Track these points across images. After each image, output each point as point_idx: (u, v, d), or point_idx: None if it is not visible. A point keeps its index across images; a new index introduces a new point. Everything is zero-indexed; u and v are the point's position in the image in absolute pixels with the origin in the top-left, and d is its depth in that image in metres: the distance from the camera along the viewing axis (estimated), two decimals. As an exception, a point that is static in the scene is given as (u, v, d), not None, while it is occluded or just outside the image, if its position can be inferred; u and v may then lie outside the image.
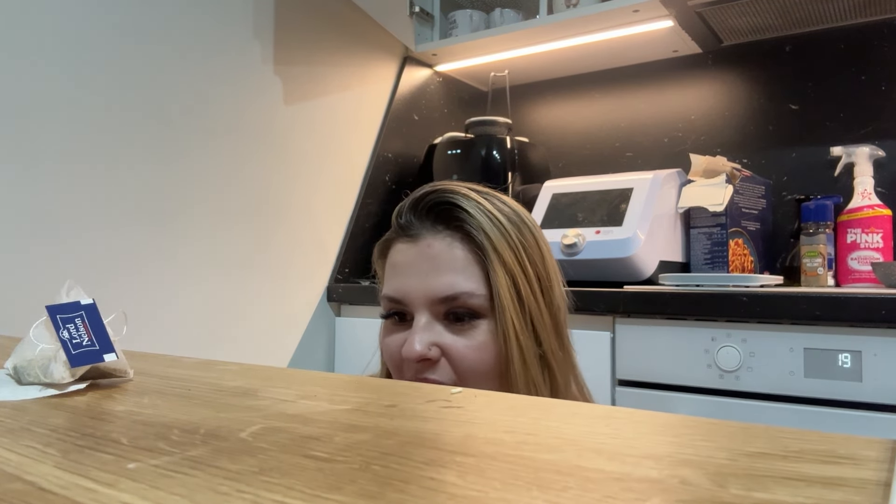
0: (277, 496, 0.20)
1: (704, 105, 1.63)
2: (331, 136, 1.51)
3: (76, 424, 0.30)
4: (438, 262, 0.62)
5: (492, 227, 0.63)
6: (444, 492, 0.20)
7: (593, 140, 1.78)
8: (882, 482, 0.20)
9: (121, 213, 1.10)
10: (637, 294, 1.06)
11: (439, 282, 0.62)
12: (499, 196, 0.68)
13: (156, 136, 1.16)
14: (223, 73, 1.27)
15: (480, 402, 0.34)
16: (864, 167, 1.34)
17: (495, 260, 0.62)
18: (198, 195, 1.23)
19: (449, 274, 0.62)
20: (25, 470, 0.23)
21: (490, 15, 1.67)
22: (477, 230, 0.63)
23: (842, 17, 1.43)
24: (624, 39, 1.55)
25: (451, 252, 0.63)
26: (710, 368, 1.01)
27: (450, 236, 0.63)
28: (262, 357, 1.33)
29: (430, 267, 0.62)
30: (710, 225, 1.29)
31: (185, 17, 1.21)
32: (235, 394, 0.36)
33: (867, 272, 1.28)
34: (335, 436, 0.27)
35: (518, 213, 0.66)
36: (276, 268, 1.37)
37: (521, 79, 1.86)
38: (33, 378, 0.39)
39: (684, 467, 0.22)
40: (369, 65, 1.62)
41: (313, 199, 1.46)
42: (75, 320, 0.40)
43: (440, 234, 0.64)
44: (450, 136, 1.65)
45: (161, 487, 0.21)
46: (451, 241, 0.63)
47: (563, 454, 0.24)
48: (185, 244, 1.20)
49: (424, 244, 0.63)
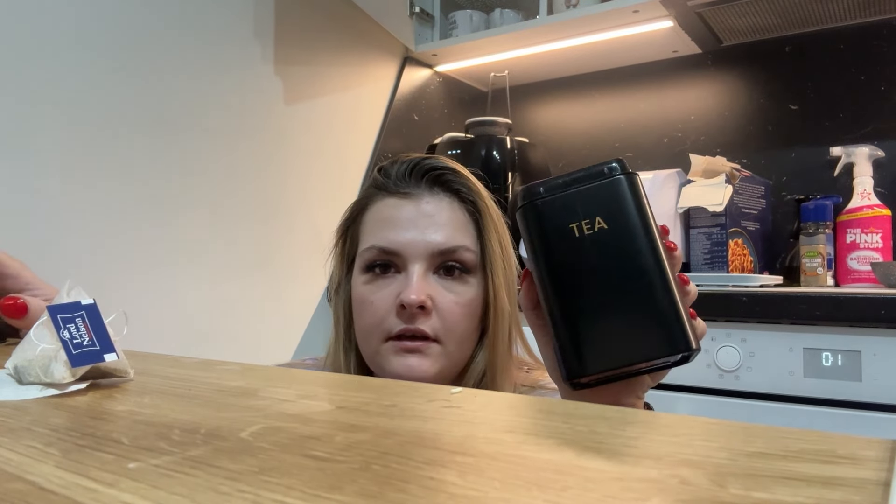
0: (278, 496, 0.20)
1: (704, 105, 1.63)
2: (331, 135, 1.51)
3: (77, 424, 0.30)
4: (437, 218, 0.67)
5: (483, 192, 0.70)
6: (444, 491, 0.20)
7: (593, 140, 1.78)
8: (881, 482, 0.20)
9: (121, 213, 1.10)
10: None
11: (439, 235, 0.66)
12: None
13: (156, 136, 1.16)
14: (223, 73, 1.27)
15: (480, 401, 0.34)
16: (863, 167, 1.34)
17: (489, 222, 0.68)
18: (198, 195, 1.23)
19: (447, 229, 0.66)
20: (26, 470, 0.23)
21: (490, 15, 1.67)
22: (473, 195, 0.69)
23: (842, 17, 1.43)
24: (624, 40, 1.55)
25: (450, 210, 0.68)
26: (709, 368, 1.01)
27: (448, 198, 0.68)
28: (262, 357, 1.33)
29: (429, 222, 0.66)
30: (709, 225, 1.29)
31: (186, 17, 1.21)
32: (236, 394, 0.36)
33: (867, 272, 1.28)
34: (335, 435, 0.27)
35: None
36: (276, 268, 1.37)
37: (521, 79, 1.86)
38: (34, 378, 0.39)
39: (684, 467, 0.22)
40: (369, 65, 1.62)
41: (313, 198, 1.46)
42: (76, 320, 0.40)
43: (437, 196, 0.68)
44: (450, 137, 1.65)
45: (162, 487, 0.21)
46: (449, 202, 0.68)
47: (563, 454, 0.24)
48: (184, 244, 1.20)
49: (422, 201, 0.67)
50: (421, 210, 0.67)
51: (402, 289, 0.64)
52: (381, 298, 0.65)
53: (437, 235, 0.66)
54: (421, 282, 0.64)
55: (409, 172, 0.68)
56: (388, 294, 0.65)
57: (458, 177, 0.69)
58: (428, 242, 0.65)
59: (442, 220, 0.67)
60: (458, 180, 0.69)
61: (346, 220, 0.73)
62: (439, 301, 0.65)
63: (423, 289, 0.64)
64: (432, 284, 0.65)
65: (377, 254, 0.66)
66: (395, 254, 0.66)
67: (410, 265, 0.65)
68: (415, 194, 0.68)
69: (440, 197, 0.68)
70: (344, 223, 0.73)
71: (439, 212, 0.67)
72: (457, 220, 0.67)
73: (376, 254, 0.66)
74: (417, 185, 0.68)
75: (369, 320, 0.66)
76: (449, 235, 0.66)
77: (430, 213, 0.66)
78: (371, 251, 0.67)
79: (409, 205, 0.67)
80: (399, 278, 0.66)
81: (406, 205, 0.67)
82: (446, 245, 0.65)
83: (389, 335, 0.64)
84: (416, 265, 0.65)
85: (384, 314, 0.65)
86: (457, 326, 0.65)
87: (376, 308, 0.65)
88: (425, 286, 0.64)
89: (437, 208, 0.67)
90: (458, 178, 0.69)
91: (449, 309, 0.65)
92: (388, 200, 0.68)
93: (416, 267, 0.65)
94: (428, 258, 0.65)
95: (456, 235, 0.66)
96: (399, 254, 0.65)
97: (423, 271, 0.65)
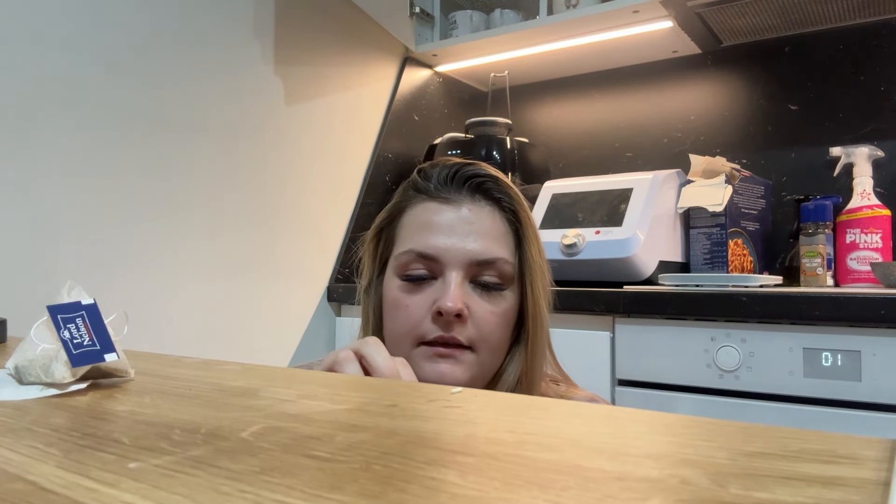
0: (278, 496, 0.20)
1: (704, 105, 1.63)
2: (331, 136, 1.51)
3: (77, 424, 0.30)
4: (479, 226, 0.66)
5: (524, 205, 0.69)
6: (444, 491, 0.20)
7: (593, 140, 1.79)
8: (881, 482, 0.20)
9: (121, 213, 1.10)
10: (637, 294, 1.06)
11: (478, 244, 0.65)
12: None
13: (156, 136, 1.16)
14: (223, 74, 1.27)
15: (481, 401, 0.34)
16: (863, 167, 1.34)
17: (529, 233, 0.68)
18: (198, 195, 1.23)
19: (487, 239, 0.65)
20: (27, 470, 0.23)
21: (490, 15, 1.67)
22: (515, 205, 0.68)
23: (841, 17, 1.43)
24: (624, 40, 1.55)
25: (491, 220, 0.67)
26: (709, 368, 1.01)
27: (489, 206, 0.67)
28: (262, 357, 1.33)
29: (470, 230, 0.65)
30: (709, 225, 1.29)
31: (186, 17, 1.21)
32: (236, 393, 0.36)
33: (866, 272, 1.28)
34: (336, 435, 0.27)
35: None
36: (276, 268, 1.37)
37: (521, 79, 1.86)
38: (34, 378, 0.39)
39: (684, 467, 0.22)
40: (369, 65, 1.62)
41: (313, 198, 1.46)
42: (76, 320, 0.40)
43: (478, 203, 0.67)
44: (450, 137, 1.65)
45: (162, 487, 0.21)
46: (490, 211, 0.67)
47: (563, 454, 0.24)
48: (185, 244, 1.20)
49: (464, 208, 0.66)
50: (461, 216, 0.66)
51: (439, 295, 0.63)
52: (417, 303, 0.64)
53: (476, 244, 0.65)
54: (458, 290, 0.63)
55: (450, 178, 0.67)
56: (423, 299, 0.64)
57: (500, 185, 0.68)
58: (467, 251, 0.64)
59: (482, 228, 0.66)
60: (499, 189, 0.68)
61: (382, 221, 0.71)
62: (475, 310, 0.64)
63: (460, 297, 0.63)
64: (469, 293, 0.65)
65: (415, 258, 0.65)
66: (434, 259, 0.65)
67: (448, 272, 0.64)
68: (456, 200, 0.67)
69: (481, 205, 0.67)
70: (379, 224, 0.72)
71: (480, 220, 0.66)
72: (496, 230, 0.67)
73: (414, 258, 0.65)
74: (459, 191, 0.67)
75: (403, 324, 0.65)
76: (488, 246, 0.65)
77: (470, 220, 0.66)
78: (408, 255, 0.66)
79: (449, 210, 0.66)
80: (436, 284, 0.65)
81: (446, 210, 0.66)
82: (485, 256, 0.65)
83: (423, 340, 0.64)
84: (454, 272, 0.64)
85: (419, 319, 0.64)
86: (491, 336, 0.65)
87: (411, 312, 0.64)
88: (462, 294, 0.64)
89: (478, 216, 0.66)
90: (499, 186, 0.68)
91: (484, 318, 0.64)
92: (428, 205, 0.67)
93: (453, 274, 0.64)
94: (466, 266, 0.64)
95: (494, 246, 0.66)
96: (437, 259, 0.65)
97: (461, 279, 0.64)
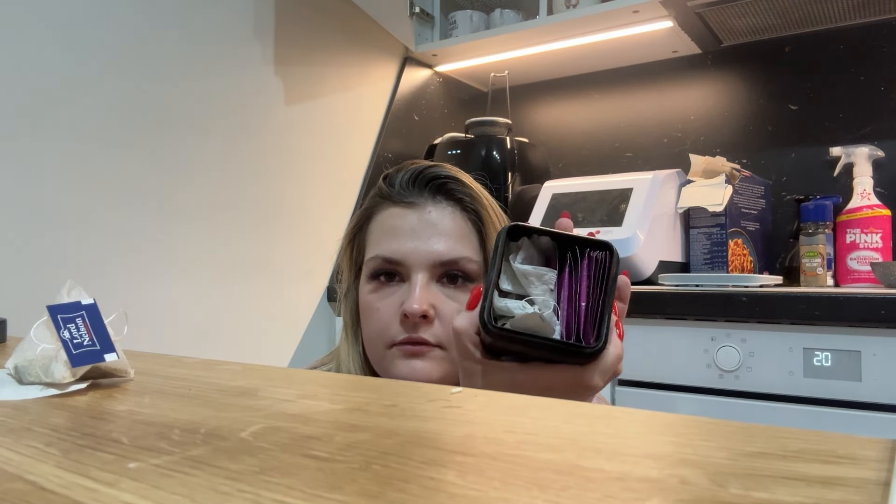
0: (278, 496, 0.20)
1: (704, 105, 1.63)
2: (331, 136, 1.51)
3: (77, 424, 0.30)
4: (440, 227, 0.67)
5: (485, 202, 0.70)
6: (444, 491, 0.20)
7: (593, 140, 1.78)
8: (881, 482, 0.20)
9: (121, 213, 1.10)
10: (637, 294, 1.06)
11: (441, 245, 0.67)
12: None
13: (156, 136, 1.16)
14: (223, 73, 1.27)
15: (480, 401, 0.34)
16: (863, 167, 1.34)
17: (491, 231, 0.69)
18: (198, 195, 1.23)
19: (450, 239, 0.67)
20: (27, 469, 0.23)
21: (490, 15, 1.67)
22: (476, 204, 0.70)
23: (841, 17, 1.43)
24: (624, 40, 1.55)
25: (452, 220, 0.68)
26: (709, 368, 1.01)
27: (450, 206, 0.69)
28: (262, 357, 1.33)
29: (433, 232, 0.67)
30: (709, 225, 1.29)
31: (186, 17, 1.21)
32: (236, 393, 0.36)
33: (866, 272, 1.28)
34: (335, 435, 0.27)
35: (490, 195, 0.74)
36: (276, 268, 1.37)
37: (521, 79, 1.86)
38: (34, 378, 0.39)
39: (684, 467, 0.22)
40: (369, 65, 1.62)
41: (313, 198, 1.46)
42: (76, 320, 0.40)
43: (440, 204, 0.69)
44: (450, 137, 1.65)
45: (162, 487, 0.21)
46: (451, 211, 0.69)
47: (562, 454, 0.24)
48: (185, 244, 1.20)
49: (425, 211, 0.68)
50: (423, 219, 0.67)
51: (405, 298, 0.65)
52: (386, 306, 0.67)
53: (439, 245, 0.66)
54: (423, 291, 0.65)
55: (412, 181, 0.69)
56: (392, 302, 0.67)
57: (461, 185, 0.70)
58: (430, 252, 0.66)
59: (444, 229, 0.67)
60: (460, 189, 0.69)
61: (352, 229, 0.74)
62: (441, 309, 0.66)
63: (424, 298, 0.64)
64: (434, 293, 0.66)
65: (381, 263, 0.67)
66: (399, 263, 0.67)
67: (413, 274, 0.66)
68: (418, 203, 0.68)
69: (443, 206, 0.69)
70: (350, 231, 0.74)
71: (442, 221, 0.68)
72: (459, 230, 0.68)
73: (380, 263, 0.67)
74: (421, 193, 0.69)
75: (375, 327, 0.67)
76: (451, 246, 0.67)
77: (432, 222, 0.67)
78: (375, 260, 0.68)
79: (412, 214, 0.68)
80: (403, 287, 0.67)
81: (409, 214, 0.68)
82: (448, 256, 0.66)
83: (393, 342, 0.66)
84: (419, 274, 0.66)
85: (388, 322, 0.66)
86: None
87: (381, 315, 0.67)
88: (427, 295, 0.65)
89: (440, 217, 0.68)
90: (460, 186, 0.69)
91: (451, 316, 0.65)
92: (392, 210, 0.69)
93: (418, 276, 0.66)
94: (430, 267, 0.66)
95: (457, 246, 0.67)
96: (402, 263, 0.66)
97: (426, 281, 0.66)
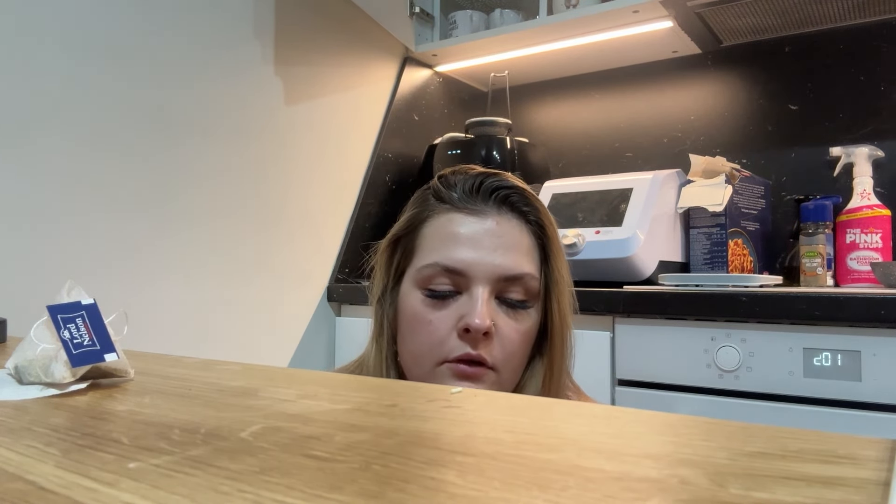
0: (278, 496, 0.20)
1: (704, 105, 1.63)
2: (331, 136, 1.51)
3: (77, 424, 0.30)
4: (506, 240, 0.63)
5: (550, 219, 0.67)
6: (444, 491, 0.20)
7: (593, 140, 1.78)
8: (881, 482, 0.20)
9: (121, 213, 1.10)
10: (637, 294, 1.06)
11: (507, 259, 0.62)
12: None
13: (156, 137, 1.16)
14: (223, 73, 1.27)
15: (480, 401, 0.34)
16: (863, 167, 1.34)
17: (555, 248, 0.66)
18: (198, 195, 1.23)
19: (515, 253, 0.63)
20: (26, 469, 0.23)
21: (490, 15, 1.67)
22: (542, 219, 0.66)
23: (841, 17, 1.43)
24: (624, 40, 1.55)
25: (518, 234, 0.64)
26: (709, 368, 1.01)
27: (516, 220, 0.65)
28: (262, 357, 1.33)
29: (499, 244, 0.62)
30: (709, 225, 1.29)
31: (186, 17, 1.21)
32: (236, 393, 0.36)
33: (866, 272, 1.28)
34: (335, 435, 0.27)
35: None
36: (276, 268, 1.37)
37: (521, 79, 1.86)
38: (34, 378, 0.39)
39: (684, 467, 0.22)
40: (369, 65, 1.62)
41: (313, 199, 1.46)
42: (76, 320, 0.40)
43: (506, 216, 0.64)
44: (450, 137, 1.65)
45: (162, 487, 0.21)
46: (518, 225, 0.65)
47: (562, 454, 0.24)
48: (185, 244, 1.20)
49: (491, 221, 0.63)
50: (490, 230, 0.63)
51: (466, 311, 0.61)
52: (441, 319, 0.62)
53: (503, 259, 0.62)
54: (487, 306, 0.61)
55: (475, 188, 0.65)
56: (448, 315, 0.62)
57: (527, 198, 0.66)
58: (495, 265, 0.61)
59: (509, 242, 0.63)
60: (526, 201, 0.65)
61: (399, 230, 0.68)
62: (501, 328, 0.62)
63: (488, 313, 0.60)
64: (495, 309, 0.62)
65: (440, 272, 0.62)
66: (460, 273, 0.62)
67: (474, 287, 0.61)
68: (482, 212, 0.64)
69: (508, 217, 0.64)
70: (397, 233, 0.68)
71: (507, 233, 0.63)
72: (523, 244, 0.64)
73: (439, 271, 0.62)
74: (485, 202, 0.64)
75: (426, 340, 0.62)
76: (516, 261, 0.62)
77: (497, 233, 0.63)
78: (433, 268, 0.62)
79: (475, 222, 0.63)
80: (461, 299, 0.62)
81: (472, 222, 0.63)
82: (513, 271, 0.62)
83: (447, 358, 0.61)
84: (481, 288, 0.61)
85: (443, 336, 0.61)
86: (514, 356, 0.63)
87: (435, 328, 0.62)
88: (490, 311, 0.61)
89: (505, 229, 0.63)
90: (526, 198, 0.66)
91: (509, 337, 0.62)
92: (452, 215, 0.64)
93: (480, 290, 0.61)
94: (493, 281, 0.62)
95: (522, 261, 0.63)
96: (464, 273, 0.62)
97: (488, 295, 0.61)
